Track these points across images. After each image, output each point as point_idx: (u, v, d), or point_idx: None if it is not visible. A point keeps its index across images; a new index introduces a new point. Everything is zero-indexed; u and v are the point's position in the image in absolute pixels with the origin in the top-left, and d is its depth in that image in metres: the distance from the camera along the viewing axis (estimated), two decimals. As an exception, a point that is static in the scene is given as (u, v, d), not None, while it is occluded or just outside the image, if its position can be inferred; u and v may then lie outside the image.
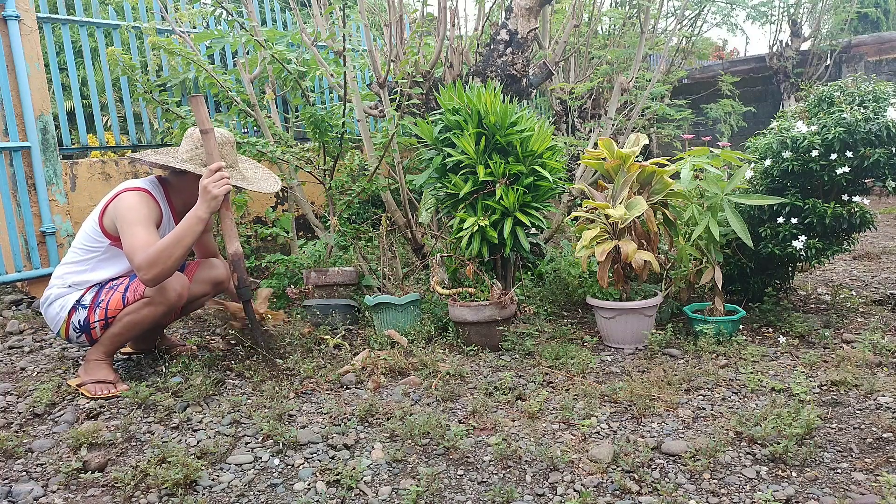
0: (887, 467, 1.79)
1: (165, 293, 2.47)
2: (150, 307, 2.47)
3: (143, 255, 2.34)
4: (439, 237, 3.66)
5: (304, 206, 4.21)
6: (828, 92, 3.03)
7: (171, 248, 2.36)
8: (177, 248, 2.37)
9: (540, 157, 3.18)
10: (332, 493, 1.76)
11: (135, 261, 2.35)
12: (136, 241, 2.38)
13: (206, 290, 2.77)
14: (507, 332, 2.87)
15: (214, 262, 2.82)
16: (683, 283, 3.20)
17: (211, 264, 2.80)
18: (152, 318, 2.51)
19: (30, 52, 3.78)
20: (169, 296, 2.48)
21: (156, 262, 2.34)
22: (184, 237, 2.39)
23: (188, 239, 2.40)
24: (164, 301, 2.48)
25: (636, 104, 5.02)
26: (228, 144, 2.70)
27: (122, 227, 2.44)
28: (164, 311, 2.51)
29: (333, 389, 2.48)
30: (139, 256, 2.34)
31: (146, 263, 2.33)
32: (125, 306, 2.47)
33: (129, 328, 2.50)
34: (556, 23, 5.92)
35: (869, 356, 2.54)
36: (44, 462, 1.98)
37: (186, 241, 2.40)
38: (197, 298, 2.78)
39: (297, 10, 4.36)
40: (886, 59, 8.71)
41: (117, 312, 2.48)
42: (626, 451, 1.92)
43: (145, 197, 2.53)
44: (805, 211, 2.89)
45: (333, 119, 3.56)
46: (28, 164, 3.78)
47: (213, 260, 2.84)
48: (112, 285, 2.52)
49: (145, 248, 2.35)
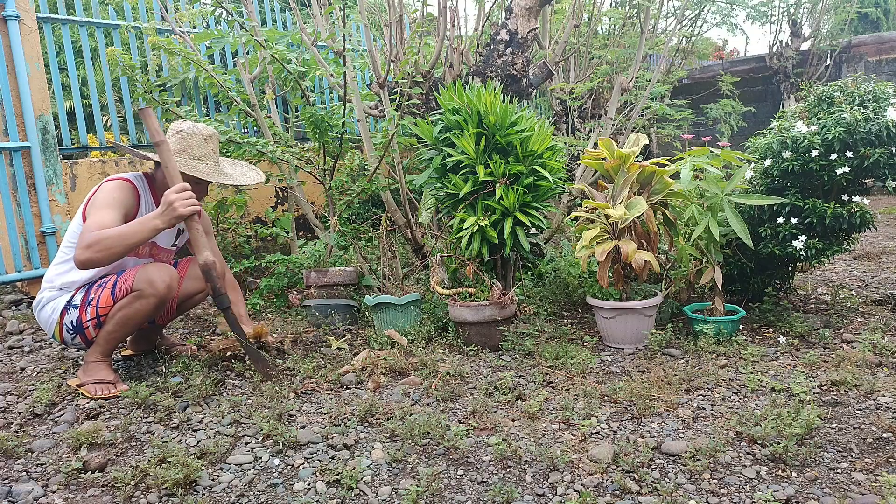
0: (887, 467, 1.79)
1: (154, 285, 2.44)
2: (141, 300, 2.44)
3: (88, 234, 2.29)
4: (439, 237, 3.66)
5: (304, 206, 4.21)
6: (828, 92, 3.03)
7: (112, 241, 2.28)
8: (117, 244, 2.29)
9: (540, 157, 3.18)
10: (332, 493, 1.76)
11: (82, 238, 2.31)
12: (94, 220, 2.35)
13: (200, 286, 2.75)
14: (507, 332, 2.87)
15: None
16: (683, 283, 3.20)
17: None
18: (145, 312, 2.47)
19: (30, 52, 3.78)
20: (158, 287, 2.45)
21: (92, 246, 2.26)
22: (129, 237, 2.31)
23: (133, 240, 2.32)
24: (154, 293, 2.44)
25: (636, 104, 5.02)
26: (203, 137, 2.65)
27: (89, 211, 2.43)
28: (156, 304, 2.47)
29: (333, 389, 2.48)
30: (86, 235, 2.29)
31: (85, 243, 2.27)
32: (115, 302, 2.46)
33: (123, 324, 2.47)
34: (556, 23, 5.93)
35: (869, 356, 2.54)
36: (44, 462, 1.98)
37: (131, 241, 2.32)
38: (192, 296, 2.77)
39: (297, 10, 4.36)
40: (886, 59, 8.71)
41: (108, 309, 2.46)
42: (626, 451, 1.92)
43: (124, 185, 2.52)
44: (805, 211, 2.89)
45: (333, 119, 3.56)
46: (28, 164, 3.78)
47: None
48: (101, 283, 2.51)
49: (96, 229, 2.30)
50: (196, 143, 2.65)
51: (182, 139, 2.63)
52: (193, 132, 2.65)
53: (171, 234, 2.79)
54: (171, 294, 2.53)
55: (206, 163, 2.66)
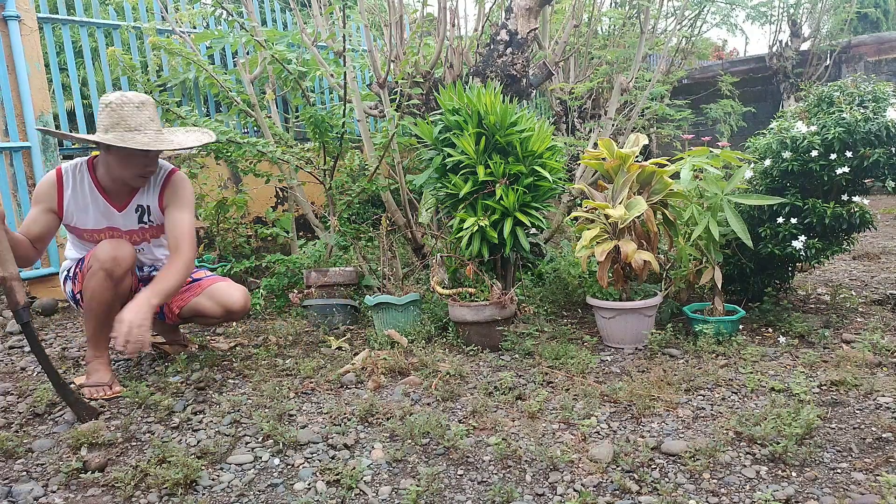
0: (887, 467, 1.79)
1: (98, 258, 2.42)
2: (93, 278, 2.43)
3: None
4: (439, 237, 3.66)
5: (304, 206, 4.22)
6: (827, 92, 3.03)
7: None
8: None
9: (540, 157, 3.18)
10: (332, 493, 1.76)
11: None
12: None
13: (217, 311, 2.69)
14: (507, 332, 2.87)
15: (231, 291, 2.71)
16: (683, 283, 3.20)
17: (228, 292, 2.70)
18: (101, 288, 2.42)
19: (30, 52, 3.78)
20: (101, 258, 2.41)
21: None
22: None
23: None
24: (100, 268, 2.40)
25: (636, 104, 5.02)
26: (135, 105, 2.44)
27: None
28: (105, 277, 2.40)
29: (333, 389, 2.49)
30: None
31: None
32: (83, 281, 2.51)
33: (89, 302, 2.46)
34: (556, 23, 5.92)
35: (869, 356, 2.54)
36: (44, 462, 1.98)
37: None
38: (203, 315, 2.71)
39: (297, 11, 4.36)
40: (886, 59, 8.71)
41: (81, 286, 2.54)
42: (626, 450, 1.92)
43: (47, 177, 2.57)
44: (805, 211, 2.89)
45: (333, 119, 3.56)
46: (28, 164, 3.78)
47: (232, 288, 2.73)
48: (84, 260, 2.58)
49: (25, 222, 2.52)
50: (129, 113, 2.42)
51: (112, 112, 2.41)
52: (123, 101, 2.42)
53: (131, 216, 2.62)
54: (118, 268, 2.42)
55: (143, 132, 2.43)
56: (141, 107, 2.44)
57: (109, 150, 2.46)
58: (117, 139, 2.37)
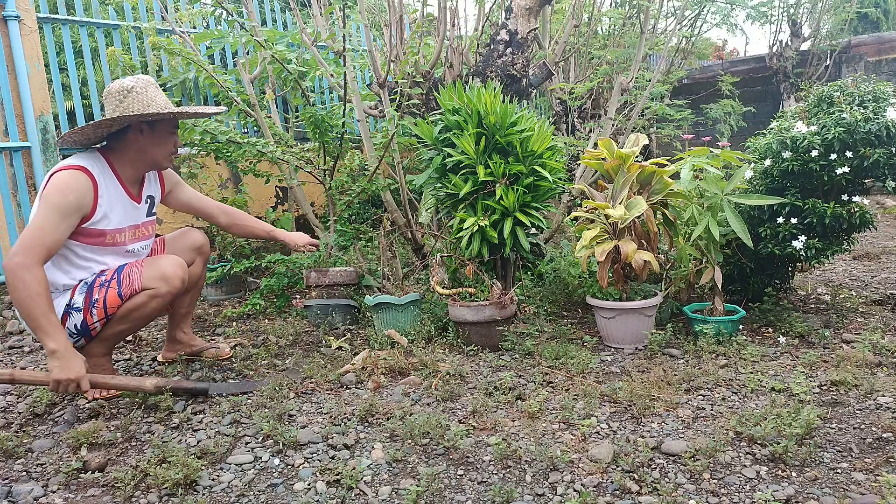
0: (887, 467, 1.79)
1: (170, 281, 2.38)
2: (157, 299, 2.38)
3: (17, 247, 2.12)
4: (439, 237, 3.66)
5: (304, 206, 4.21)
6: (828, 92, 3.03)
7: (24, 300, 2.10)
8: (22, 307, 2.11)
9: (540, 158, 3.18)
10: (332, 493, 1.76)
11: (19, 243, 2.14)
12: (29, 230, 2.15)
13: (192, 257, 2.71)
14: (507, 332, 2.87)
15: (185, 230, 2.75)
16: (683, 283, 3.20)
17: (183, 233, 2.74)
18: (160, 309, 2.46)
19: (30, 52, 3.78)
20: (174, 283, 2.39)
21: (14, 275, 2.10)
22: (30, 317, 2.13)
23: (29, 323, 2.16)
24: (170, 290, 2.40)
25: (636, 104, 5.02)
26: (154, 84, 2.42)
27: (39, 205, 2.22)
28: (171, 300, 2.51)
29: (333, 389, 2.49)
30: (15, 246, 2.13)
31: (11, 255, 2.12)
32: (124, 301, 2.34)
33: (138, 323, 2.43)
34: (556, 23, 5.92)
35: (869, 356, 2.54)
36: (44, 462, 1.98)
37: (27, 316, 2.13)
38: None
39: (297, 11, 4.36)
40: (886, 59, 8.70)
41: (117, 309, 2.35)
42: (626, 451, 1.92)
43: (74, 177, 2.25)
44: (805, 211, 2.89)
45: (333, 119, 3.56)
46: (28, 164, 3.78)
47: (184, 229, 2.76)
48: (101, 283, 2.34)
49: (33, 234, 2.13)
50: (155, 93, 2.39)
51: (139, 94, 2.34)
52: (146, 83, 2.38)
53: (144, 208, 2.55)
54: (185, 287, 2.49)
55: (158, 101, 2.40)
56: (157, 87, 2.44)
57: (154, 129, 2.41)
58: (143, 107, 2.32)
